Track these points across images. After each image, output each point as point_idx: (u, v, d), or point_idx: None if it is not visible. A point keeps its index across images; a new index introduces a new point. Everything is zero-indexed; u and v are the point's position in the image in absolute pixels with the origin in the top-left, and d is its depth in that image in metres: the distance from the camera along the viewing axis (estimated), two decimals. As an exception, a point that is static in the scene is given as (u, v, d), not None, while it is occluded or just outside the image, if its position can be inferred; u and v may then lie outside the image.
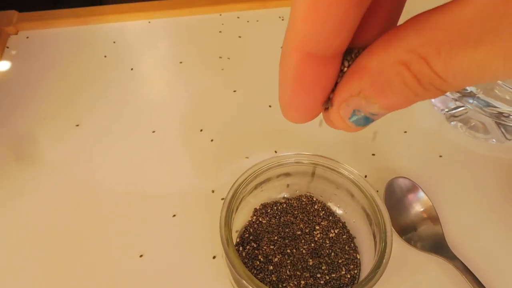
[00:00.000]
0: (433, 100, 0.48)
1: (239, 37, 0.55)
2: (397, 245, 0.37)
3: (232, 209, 0.32)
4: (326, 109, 0.16)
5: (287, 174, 0.36)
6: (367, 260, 0.35)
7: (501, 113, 0.42)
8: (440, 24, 0.11)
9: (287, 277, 0.33)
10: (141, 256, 0.36)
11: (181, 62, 0.52)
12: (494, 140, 0.45)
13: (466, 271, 0.35)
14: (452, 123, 0.47)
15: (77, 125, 0.45)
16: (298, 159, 0.34)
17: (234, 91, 0.49)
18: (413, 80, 0.12)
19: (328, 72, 0.14)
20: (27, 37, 0.54)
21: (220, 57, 0.53)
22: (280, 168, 0.35)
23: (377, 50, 0.13)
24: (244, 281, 0.29)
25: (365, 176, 0.42)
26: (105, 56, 0.53)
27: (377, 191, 0.39)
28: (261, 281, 0.29)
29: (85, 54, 0.53)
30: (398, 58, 0.12)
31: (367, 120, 0.14)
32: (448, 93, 0.45)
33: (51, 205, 0.39)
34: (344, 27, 0.13)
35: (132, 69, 0.51)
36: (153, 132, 0.45)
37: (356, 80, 0.13)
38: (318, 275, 0.34)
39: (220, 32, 0.56)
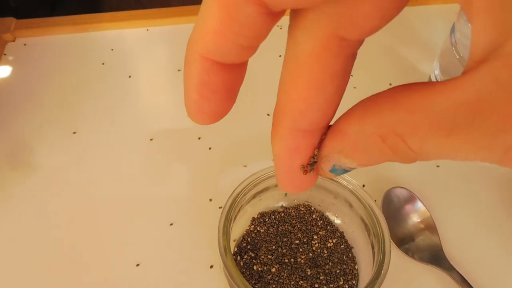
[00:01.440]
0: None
1: (237, 45, 0.55)
2: (395, 256, 0.37)
3: (230, 218, 0.32)
4: (305, 172, 0.17)
5: (285, 184, 0.36)
6: (364, 270, 0.35)
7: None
8: (418, 107, 0.12)
9: (285, 287, 0.33)
10: (138, 265, 0.36)
11: (179, 70, 0.52)
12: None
13: (463, 282, 0.35)
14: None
15: (74, 133, 0.45)
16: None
17: (232, 99, 0.49)
18: (389, 151, 0.13)
19: (235, 77, 0.15)
20: (25, 44, 0.54)
21: (218, 65, 0.53)
22: (278, 177, 0.34)
23: (355, 117, 0.14)
24: (243, 292, 0.29)
25: (363, 186, 0.42)
26: (103, 64, 0.53)
27: (375, 200, 0.39)
28: (259, 292, 0.29)
29: (83, 61, 0.53)
30: (375, 131, 0.13)
31: (345, 171, 0.15)
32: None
33: (48, 213, 0.39)
34: (255, 45, 0.14)
35: (130, 76, 0.51)
36: (151, 140, 0.45)
37: (338, 142, 0.14)
38: (316, 285, 0.33)
39: (218, 40, 0.56)
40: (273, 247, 0.36)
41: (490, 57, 0.11)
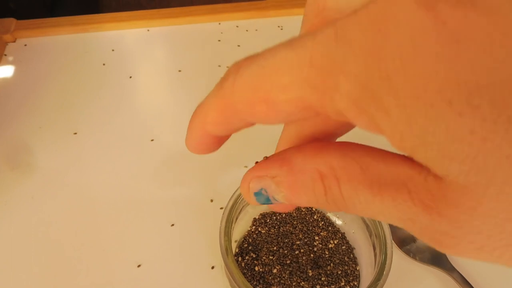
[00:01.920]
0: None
1: (238, 46, 0.55)
2: (396, 257, 0.37)
3: (232, 219, 0.32)
4: None
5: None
6: (366, 271, 0.35)
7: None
8: (363, 163, 0.13)
9: (286, 287, 0.33)
10: (139, 266, 0.36)
11: (180, 71, 0.52)
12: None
13: (464, 283, 0.35)
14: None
15: (75, 133, 0.45)
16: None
17: (233, 100, 0.49)
18: (322, 191, 0.13)
19: (224, 139, 0.18)
20: (25, 45, 0.54)
21: (219, 66, 0.53)
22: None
23: (306, 150, 0.14)
24: (244, 293, 0.29)
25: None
26: (103, 64, 0.53)
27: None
28: (260, 293, 0.29)
29: (83, 62, 0.53)
30: (318, 168, 0.13)
31: (267, 201, 0.16)
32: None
33: (47, 214, 0.39)
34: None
35: (130, 77, 0.51)
36: (152, 140, 0.45)
37: (277, 166, 0.15)
38: (318, 287, 0.33)
39: (219, 41, 0.56)
40: (275, 248, 0.36)
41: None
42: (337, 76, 0.11)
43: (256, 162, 0.17)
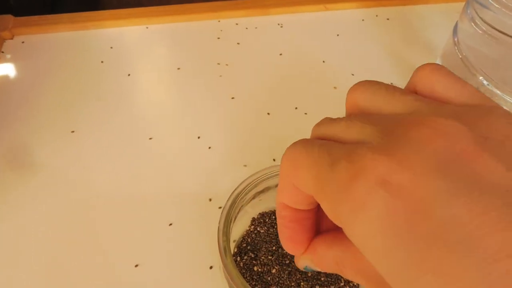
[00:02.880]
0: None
1: (238, 43, 0.55)
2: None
3: (230, 219, 0.31)
4: None
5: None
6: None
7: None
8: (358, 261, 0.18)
9: (285, 287, 0.33)
10: (136, 266, 0.36)
11: (178, 68, 0.51)
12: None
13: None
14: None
15: (73, 132, 0.45)
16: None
17: (232, 98, 0.49)
18: (338, 270, 0.19)
19: (305, 215, 0.20)
20: (23, 42, 0.54)
21: (219, 64, 0.52)
22: (278, 175, 0.34)
23: (324, 244, 0.19)
24: (243, 293, 0.29)
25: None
26: (102, 62, 0.52)
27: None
28: (259, 293, 0.29)
29: (82, 59, 0.52)
30: (332, 258, 0.19)
31: (313, 270, 0.21)
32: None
33: (46, 213, 0.39)
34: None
35: (129, 74, 0.51)
36: (150, 138, 0.44)
37: (310, 254, 0.20)
38: (317, 287, 0.33)
39: (218, 38, 0.56)
40: (274, 247, 0.35)
41: None
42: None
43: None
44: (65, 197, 0.40)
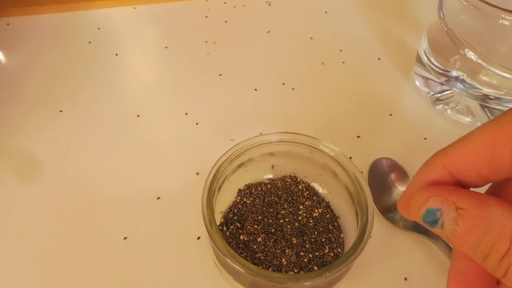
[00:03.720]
0: (418, 83, 0.48)
1: (226, 22, 0.55)
2: (380, 225, 0.37)
3: (214, 189, 0.32)
4: None
5: (270, 154, 0.36)
6: (350, 239, 0.35)
7: (486, 96, 0.42)
8: None
9: (271, 255, 0.33)
10: (125, 238, 0.36)
11: (166, 47, 0.52)
12: (479, 123, 0.45)
13: (448, 251, 0.35)
14: (437, 106, 0.47)
15: (61, 111, 0.45)
16: (281, 138, 0.34)
17: (220, 75, 0.49)
18: (501, 252, 0.14)
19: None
20: (8, 24, 0.54)
21: (206, 42, 0.52)
22: (263, 147, 0.35)
23: (509, 206, 0.15)
24: (228, 259, 0.29)
25: (350, 158, 0.42)
26: (89, 42, 0.52)
27: (362, 172, 0.39)
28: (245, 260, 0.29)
29: (69, 40, 0.52)
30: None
31: (432, 223, 0.16)
32: (434, 77, 0.45)
33: (34, 191, 0.39)
34: None
35: (116, 54, 0.51)
36: (138, 116, 0.45)
37: (472, 202, 0.15)
38: (302, 253, 0.34)
39: (206, 17, 0.56)
40: (260, 217, 0.36)
41: None
42: None
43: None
44: (54, 174, 0.40)
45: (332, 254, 0.34)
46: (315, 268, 0.33)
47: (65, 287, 0.34)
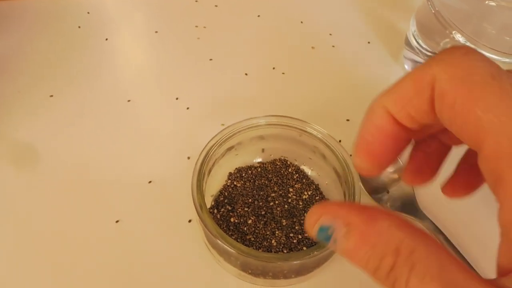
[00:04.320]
0: (407, 66, 0.48)
1: (216, 6, 0.55)
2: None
3: (203, 172, 0.32)
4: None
5: (260, 138, 0.37)
6: (339, 220, 0.36)
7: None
8: (446, 266, 0.13)
9: (261, 237, 0.34)
10: (117, 221, 0.37)
11: (156, 32, 0.51)
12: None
13: (436, 231, 0.36)
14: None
15: (51, 96, 0.45)
16: (269, 121, 0.35)
17: (210, 59, 0.49)
18: (388, 267, 0.14)
19: (398, 137, 0.18)
20: (-2, 8, 0.53)
21: (196, 26, 0.52)
22: (252, 130, 0.35)
23: (395, 220, 0.15)
24: (218, 241, 0.30)
25: (340, 141, 0.42)
26: (79, 27, 0.52)
27: (351, 155, 0.40)
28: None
29: (58, 25, 0.52)
30: (399, 244, 0.14)
31: (325, 239, 0.17)
32: (423, 60, 0.46)
33: (26, 175, 0.39)
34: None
35: (106, 39, 0.51)
36: (128, 101, 0.45)
37: (360, 218, 0.16)
38: (291, 235, 0.34)
39: (196, 1, 0.55)
40: (250, 200, 0.36)
41: None
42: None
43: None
44: (45, 159, 0.40)
45: (321, 235, 0.35)
46: (304, 248, 0.34)
47: (58, 268, 0.34)
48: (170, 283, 0.34)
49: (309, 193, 0.37)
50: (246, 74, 0.48)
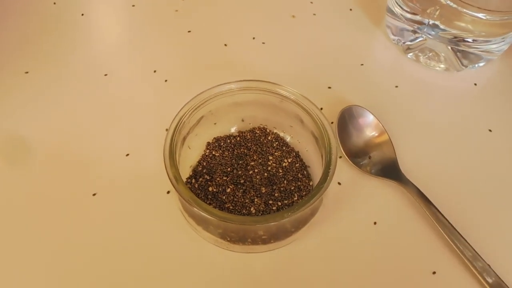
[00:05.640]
0: (389, 32, 0.47)
1: (194, -22, 0.53)
2: (349, 170, 0.38)
3: (175, 139, 0.32)
4: None
5: (236, 104, 0.36)
6: (320, 186, 0.35)
7: (458, 38, 0.42)
8: None
9: (239, 205, 0.33)
10: (94, 194, 0.36)
11: (133, 6, 0.50)
12: (451, 69, 0.45)
13: (419, 195, 0.35)
14: (409, 54, 0.46)
15: (26, 72, 0.44)
16: (241, 86, 0.34)
17: (189, 31, 0.48)
18: None
19: None
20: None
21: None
22: (226, 96, 0.34)
23: None
24: (194, 208, 0.29)
25: (321, 109, 0.41)
26: (54, 3, 0.50)
27: (332, 122, 0.39)
28: (211, 208, 0.29)
29: (32, 1, 0.50)
30: None
31: None
32: (406, 25, 0.45)
33: (2, 151, 0.38)
34: None
35: (82, 14, 0.49)
36: (105, 75, 0.44)
37: None
38: (270, 202, 0.34)
39: (174, -26, 0.54)
40: (229, 169, 0.36)
41: None
42: None
43: None
44: (21, 135, 0.39)
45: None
46: (284, 214, 0.33)
47: (37, 242, 0.34)
48: (147, 255, 0.34)
49: (289, 160, 0.36)
50: (225, 45, 0.47)
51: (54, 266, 0.33)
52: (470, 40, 0.42)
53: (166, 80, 0.43)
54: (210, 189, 0.34)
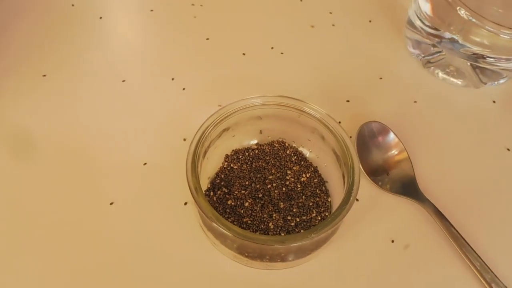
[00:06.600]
0: (409, 46, 0.47)
1: (213, -16, 0.53)
2: (368, 188, 0.37)
3: (198, 153, 0.32)
4: None
5: (257, 118, 0.36)
6: (338, 203, 0.35)
7: (478, 55, 0.42)
8: None
9: (258, 219, 0.33)
10: (111, 203, 0.36)
11: (152, 10, 0.50)
12: (470, 85, 0.45)
13: (437, 213, 0.35)
14: (428, 69, 0.46)
15: (44, 75, 0.44)
16: (265, 101, 0.34)
17: (207, 39, 0.48)
18: None
19: None
20: (-11, -15, 0.52)
21: (193, 5, 0.51)
22: (248, 110, 0.34)
23: None
24: (214, 223, 0.29)
25: (339, 122, 0.41)
26: (72, 5, 0.50)
27: (351, 137, 0.39)
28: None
29: (52, 3, 0.50)
30: None
31: None
32: (425, 39, 0.44)
33: (17, 156, 0.38)
34: None
35: (101, 17, 0.49)
36: (123, 81, 0.44)
37: None
38: (289, 218, 0.34)
39: (192, -21, 0.54)
40: (247, 182, 0.36)
41: None
42: None
43: None
44: (38, 140, 0.39)
45: (319, 218, 0.34)
46: (302, 231, 0.33)
47: (52, 250, 0.34)
48: (164, 266, 0.34)
49: (308, 175, 0.36)
50: (243, 54, 0.47)
51: (71, 274, 0.33)
52: (490, 57, 0.42)
53: (184, 88, 0.43)
54: (229, 202, 0.34)
